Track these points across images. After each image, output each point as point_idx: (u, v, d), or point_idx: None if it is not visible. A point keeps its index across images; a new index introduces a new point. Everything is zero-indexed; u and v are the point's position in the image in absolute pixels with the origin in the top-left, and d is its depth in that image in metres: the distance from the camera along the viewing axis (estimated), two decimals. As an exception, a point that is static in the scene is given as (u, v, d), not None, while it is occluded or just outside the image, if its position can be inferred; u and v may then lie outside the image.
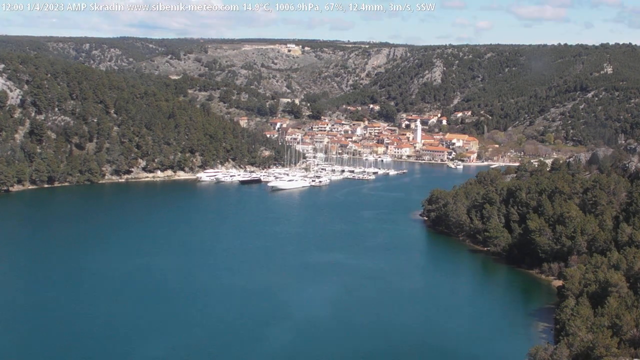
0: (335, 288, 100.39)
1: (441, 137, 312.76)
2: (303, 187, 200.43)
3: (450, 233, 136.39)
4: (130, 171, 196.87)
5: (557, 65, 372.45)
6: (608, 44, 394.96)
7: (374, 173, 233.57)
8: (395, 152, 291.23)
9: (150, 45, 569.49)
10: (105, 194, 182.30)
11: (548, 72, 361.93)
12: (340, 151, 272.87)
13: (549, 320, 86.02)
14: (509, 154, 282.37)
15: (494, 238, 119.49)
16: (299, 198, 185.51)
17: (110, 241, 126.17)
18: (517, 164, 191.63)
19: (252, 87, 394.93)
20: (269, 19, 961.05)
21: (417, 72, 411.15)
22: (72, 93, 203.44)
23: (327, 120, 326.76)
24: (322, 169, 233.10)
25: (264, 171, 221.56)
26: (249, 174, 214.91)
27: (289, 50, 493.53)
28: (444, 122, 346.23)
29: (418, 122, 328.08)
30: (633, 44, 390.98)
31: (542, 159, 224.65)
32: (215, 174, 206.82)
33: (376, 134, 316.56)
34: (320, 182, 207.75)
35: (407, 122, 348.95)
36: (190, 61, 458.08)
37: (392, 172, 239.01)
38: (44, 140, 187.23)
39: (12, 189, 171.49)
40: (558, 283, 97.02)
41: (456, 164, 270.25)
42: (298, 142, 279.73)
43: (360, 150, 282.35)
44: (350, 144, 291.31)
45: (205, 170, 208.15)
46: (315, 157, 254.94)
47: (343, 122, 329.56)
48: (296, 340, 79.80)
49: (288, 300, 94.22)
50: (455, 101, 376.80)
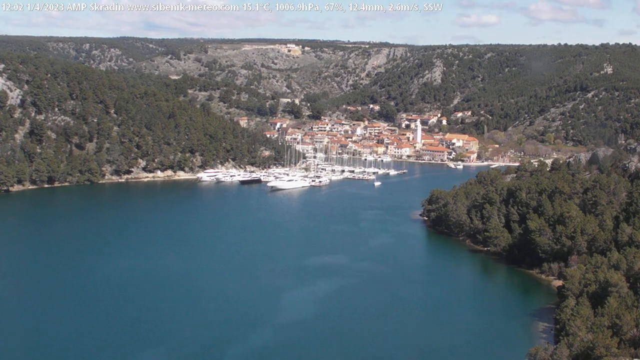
0: (335, 288, 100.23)
1: (441, 137, 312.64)
2: (303, 187, 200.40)
3: (450, 233, 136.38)
4: (130, 171, 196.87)
5: (557, 65, 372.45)
6: (608, 44, 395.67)
7: (374, 173, 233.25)
8: (395, 152, 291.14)
9: (150, 45, 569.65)
10: (105, 194, 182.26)
11: (548, 72, 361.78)
12: (340, 151, 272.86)
13: (549, 320, 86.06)
14: (509, 154, 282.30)
15: (494, 238, 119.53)
16: (299, 198, 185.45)
17: (110, 241, 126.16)
18: (517, 164, 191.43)
19: (252, 87, 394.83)
20: (269, 19, 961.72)
21: (417, 72, 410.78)
22: (72, 93, 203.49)
23: (327, 120, 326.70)
24: (322, 169, 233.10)
25: (264, 171, 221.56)
26: (249, 174, 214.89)
27: (289, 50, 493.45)
28: (444, 122, 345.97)
29: (418, 122, 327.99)
30: (633, 44, 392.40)
31: (542, 159, 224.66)
32: (215, 174, 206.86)
33: (376, 134, 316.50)
34: (320, 182, 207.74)
35: (407, 122, 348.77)
36: (190, 61, 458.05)
37: (392, 172, 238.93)
38: (44, 140, 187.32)
39: (12, 189, 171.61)
40: (558, 283, 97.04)
41: (456, 164, 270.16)
42: (298, 142, 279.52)
43: (360, 150, 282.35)
44: (350, 144, 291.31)
45: (206, 170, 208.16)
46: (315, 157, 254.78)
47: (343, 122, 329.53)
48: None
49: (288, 301, 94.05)
50: (455, 101, 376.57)
